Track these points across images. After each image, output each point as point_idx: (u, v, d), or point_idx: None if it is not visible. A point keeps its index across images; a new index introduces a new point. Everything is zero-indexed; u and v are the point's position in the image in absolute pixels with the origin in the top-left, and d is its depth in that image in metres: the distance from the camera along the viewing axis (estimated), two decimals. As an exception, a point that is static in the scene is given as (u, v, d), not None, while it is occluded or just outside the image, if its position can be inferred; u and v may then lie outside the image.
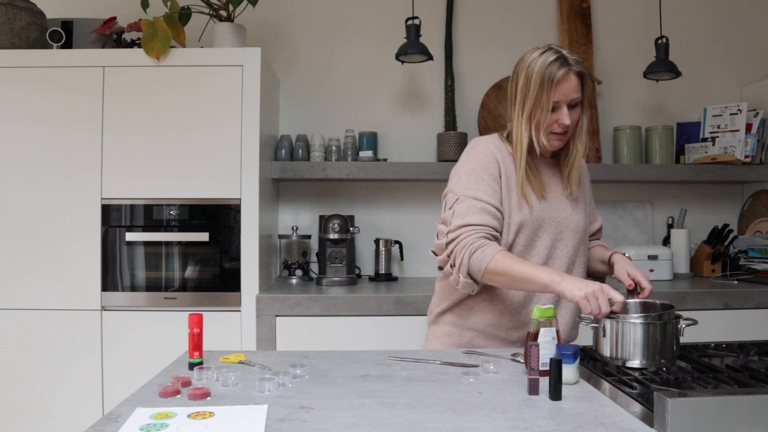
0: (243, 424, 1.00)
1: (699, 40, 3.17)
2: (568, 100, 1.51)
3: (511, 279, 1.42)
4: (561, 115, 1.50)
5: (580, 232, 1.62)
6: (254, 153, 2.45)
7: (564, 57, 1.50)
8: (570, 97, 1.50)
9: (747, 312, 2.49)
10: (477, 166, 1.54)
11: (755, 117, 2.91)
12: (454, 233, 1.48)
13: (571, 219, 1.60)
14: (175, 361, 1.43)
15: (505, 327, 1.57)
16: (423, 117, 3.08)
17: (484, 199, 1.50)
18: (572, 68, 1.50)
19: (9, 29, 2.46)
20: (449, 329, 1.62)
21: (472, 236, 1.46)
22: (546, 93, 1.49)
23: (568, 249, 1.59)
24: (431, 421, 1.03)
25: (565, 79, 1.49)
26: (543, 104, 1.49)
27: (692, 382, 1.17)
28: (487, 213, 1.49)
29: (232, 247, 2.46)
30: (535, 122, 1.51)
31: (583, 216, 1.63)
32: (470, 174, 1.53)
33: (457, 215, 1.49)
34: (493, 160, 1.55)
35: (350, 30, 3.08)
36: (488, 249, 1.43)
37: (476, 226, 1.47)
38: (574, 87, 1.50)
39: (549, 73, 1.48)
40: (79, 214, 2.42)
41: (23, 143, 2.43)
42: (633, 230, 3.12)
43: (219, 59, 2.47)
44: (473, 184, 1.52)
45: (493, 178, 1.53)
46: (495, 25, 3.11)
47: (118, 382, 2.40)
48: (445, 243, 1.49)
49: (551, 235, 1.57)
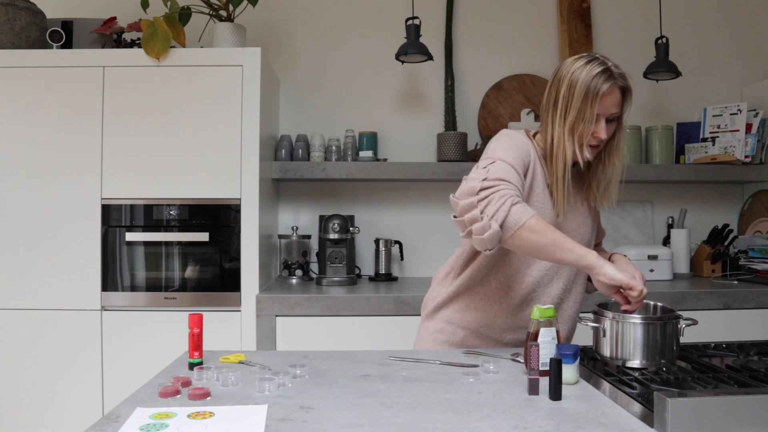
0: (243, 424, 1.00)
1: (699, 40, 3.17)
2: (608, 114, 1.46)
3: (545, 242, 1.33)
4: (598, 128, 1.46)
5: (586, 243, 1.60)
6: (254, 153, 2.45)
7: (609, 70, 1.47)
8: (610, 111, 1.46)
9: (747, 312, 2.49)
10: (515, 146, 1.48)
11: (755, 117, 2.91)
12: (492, 182, 1.37)
13: (580, 230, 1.58)
14: (175, 361, 1.43)
15: (500, 328, 1.57)
16: (423, 117, 3.08)
17: (519, 171, 1.43)
18: (617, 82, 1.46)
19: (9, 29, 2.46)
20: (443, 326, 1.61)
21: (512, 191, 1.36)
22: (590, 105, 1.44)
23: None
24: (431, 421, 1.03)
25: (610, 93, 1.45)
26: (587, 116, 1.45)
27: (692, 382, 1.17)
28: (520, 185, 1.43)
29: (232, 247, 2.46)
30: (578, 134, 1.47)
31: (590, 228, 1.62)
32: (508, 149, 1.46)
33: (496, 170, 1.39)
34: (527, 152, 1.49)
35: (350, 30, 3.08)
36: (529, 208, 1.35)
37: (513, 185, 1.38)
38: (617, 102, 1.47)
39: (594, 84, 1.44)
40: (79, 214, 2.42)
41: (23, 143, 2.43)
42: (633, 230, 3.12)
43: (219, 59, 2.47)
44: (510, 157, 1.44)
45: (525, 166, 1.47)
46: (495, 25, 3.11)
47: (118, 382, 2.40)
48: (479, 188, 1.36)
49: None
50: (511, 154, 1.44)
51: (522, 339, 1.55)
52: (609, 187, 1.58)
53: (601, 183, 1.57)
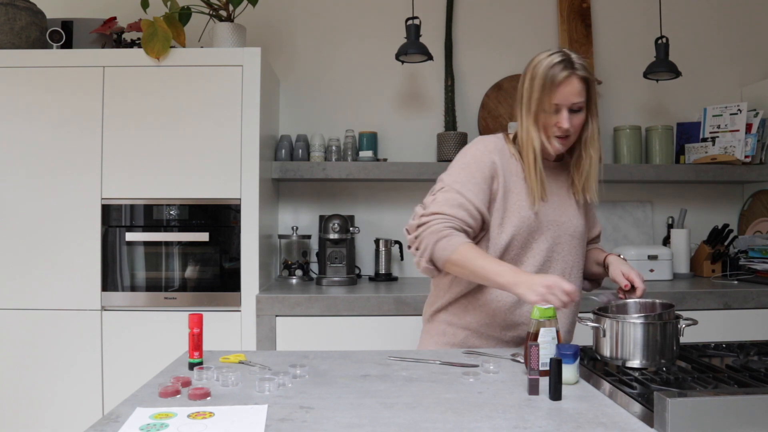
0: (243, 424, 1.00)
1: (699, 40, 3.17)
2: (569, 104, 1.49)
3: (470, 272, 1.44)
4: (560, 119, 1.49)
5: (579, 237, 1.61)
6: (254, 153, 2.45)
7: (569, 60, 1.49)
8: (571, 101, 1.49)
9: (747, 312, 2.49)
10: (471, 162, 1.54)
11: (755, 117, 2.91)
12: (427, 218, 1.49)
13: (570, 223, 1.59)
14: (175, 361, 1.43)
15: (499, 326, 1.57)
16: (423, 117, 3.08)
17: (466, 195, 1.49)
18: (576, 72, 1.49)
19: (9, 29, 2.46)
20: (444, 328, 1.62)
21: (442, 224, 1.47)
22: (548, 95, 1.48)
23: (566, 253, 1.59)
24: (431, 421, 1.03)
25: (566, 82, 1.48)
26: (546, 107, 1.49)
27: (692, 382, 1.17)
28: (465, 209, 1.49)
29: (232, 247, 2.46)
30: (542, 125, 1.52)
31: (580, 222, 1.62)
32: (462, 168, 1.54)
33: (436, 203, 1.51)
34: (488, 161, 1.54)
35: (350, 30, 3.08)
36: (454, 239, 1.44)
37: (449, 216, 1.48)
38: (576, 91, 1.49)
39: (552, 74, 1.48)
40: (79, 214, 2.42)
41: (23, 143, 2.43)
42: (633, 230, 3.12)
43: (219, 59, 2.47)
44: (462, 178, 1.52)
45: (483, 178, 1.52)
46: (495, 25, 3.11)
47: (118, 382, 2.40)
48: (416, 225, 1.51)
49: (549, 238, 1.56)
50: (463, 175, 1.52)
51: (522, 336, 1.56)
52: (588, 180, 1.60)
53: (581, 176, 1.61)
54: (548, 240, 1.56)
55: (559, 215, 1.58)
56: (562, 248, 1.58)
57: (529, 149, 1.53)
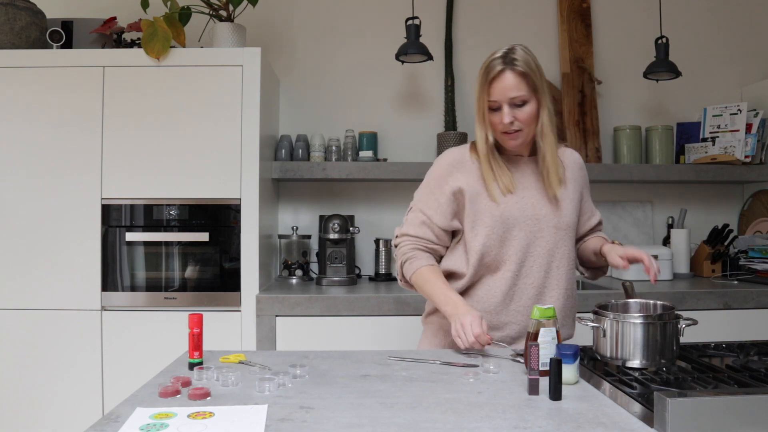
0: (243, 424, 1.00)
1: (699, 40, 3.17)
2: (506, 99, 1.49)
3: (426, 295, 1.59)
4: (501, 115, 1.51)
5: (564, 228, 1.59)
6: (254, 153, 2.45)
7: (508, 56, 1.50)
8: (508, 96, 1.49)
9: (747, 312, 2.49)
10: (431, 180, 1.63)
11: (755, 117, 2.91)
12: (397, 240, 1.65)
13: (550, 217, 1.57)
14: (175, 361, 1.43)
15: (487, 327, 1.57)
16: (423, 117, 3.08)
17: (428, 213, 1.59)
18: (510, 67, 1.49)
19: (9, 29, 2.46)
20: (437, 329, 1.66)
21: (407, 246, 1.61)
22: (486, 91, 1.51)
23: (546, 248, 1.57)
24: (431, 421, 1.03)
25: (498, 78, 1.49)
26: (483, 103, 1.53)
27: (692, 382, 1.17)
28: (427, 227, 1.60)
29: (232, 247, 2.46)
30: (489, 123, 1.54)
31: (567, 213, 1.60)
32: (424, 187, 1.64)
33: (405, 223, 1.64)
34: (447, 174, 1.59)
35: (350, 30, 3.08)
36: (416, 262, 1.58)
37: (413, 238, 1.61)
38: (511, 85, 1.48)
39: (486, 71, 1.51)
40: (79, 214, 2.42)
41: (23, 143, 2.43)
42: (633, 230, 3.12)
43: (219, 59, 2.47)
44: (423, 198, 1.62)
45: (443, 192, 1.59)
46: (495, 25, 3.11)
47: (118, 382, 2.40)
48: (393, 245, 1.69)
49: (527, 234, 1.56)
50: (425, 194, 1.62)
51: (510, 335, 1.58)
52: (549, 174, 1.57)
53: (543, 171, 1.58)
54: (526, 236, 1.56)
55: (537, 209, 1.57)
56: (543, 242, 1.57)
57: (480, 148, 1.57)
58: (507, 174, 1.57)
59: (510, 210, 1.55)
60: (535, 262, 1.57)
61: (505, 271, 1.56)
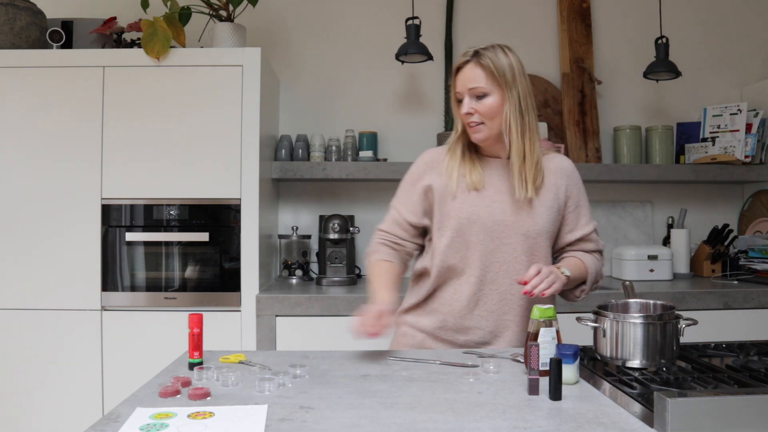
0: (243, 424, 1.00)
1: (699, 40, 3.17)
2: (466, 90, 1.52)
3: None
4: (464, 106, 1.53)
5: (532, 237, 1.53)
6: (254, 153, 2.45)
7: (478, 50, 1.52)
8: (468, 86, 1.51)
9: (747, 312, 2.49)
10: (407, 179, 1.65)
11: (755, 117, 2.91)
12: (375, 235, 1.68)
13: (520, 224, 1.52)
14: (175, 361, 1.43)
15: (451, 330, 1.58)
16: (423, 117, 3.08)
17: (400, 210, 1.63)
18: (474, 59, 1.51)
19: (9, 29, 2.46)
20: (406, 329, 1.67)
21: (377, 241, 1.65)
22: (452, 82, 1.57)
23: (512, 255, 1.53)
24: (431, 421, 1.03)
25: (461, 69, 1.53)
26: (453, 96, 1.57)
27: (692, 382, 1.17)
28: (398, 224, 1.63)
29: (232, 247, 2.46)
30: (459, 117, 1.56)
31: (540, 221, 1.53)
32: (401, 186, 1.67)
33: (384, 221, 1.67)
34: (422, 172, 1.61)
35: (350, 30, 3.08)
36: (374, 256, 1.63)
37: (385, 233, 1.64)
38: (471, 77, 1.51)
39: (455, 64, 1.57)
40: (79, 214, 2.42)
41: (23, 144, 2.43)
42: (633, 230, 3.12)
43: (219, 59, 2.47)
44: (399, 195, 1.66)
45: (415, 190, 1.61)
46: (495, 25, 3.11)
47: (118, 382, 2.40)
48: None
49: (492, 238, 1.52)
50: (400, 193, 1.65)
51: (474, 340, 1.57)
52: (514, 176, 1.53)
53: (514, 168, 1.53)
54: (491, 240, 1.53)
55: (505, 214, 1.53)
56: (510, 249, 1.53)
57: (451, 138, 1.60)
58: (477, 171, 1.56)
59: (476, 213, 1.52)
60: (500, 268, 1.54)
61: (469, 275, 1.54)
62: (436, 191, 1.57)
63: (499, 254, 1.54)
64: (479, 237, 1.53)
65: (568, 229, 1.61)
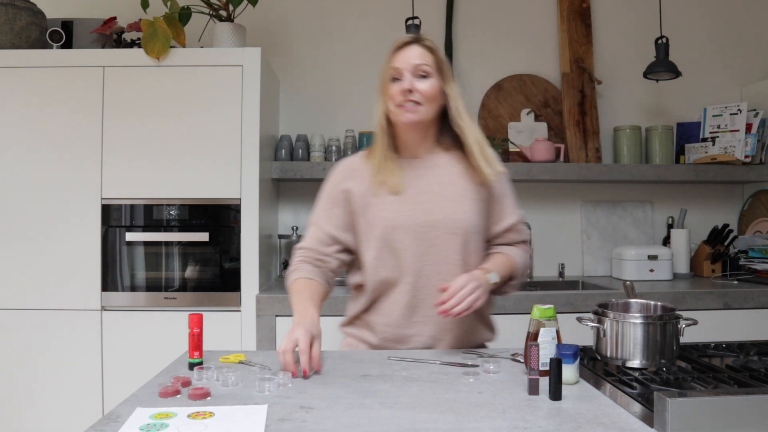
0: (243, 424, 1.00)
1: (699, 40, 3.17)
2: (410, 67, 1.47)
3: None
4: (404, 82, 1.47)
5: (460, 234, 1.49)
6: (254, 153, 2.45)
7: (417, 36, 1.52)
8: (412, 62, 1.47)
9: (747, 312, 2.49)
10: (324, 192, 1.61)
11: (755, 117, 2.91)
12: (294, 254, 1.61)
13: (448, 220, 1.49)
14: (175, 361, 1.43)
15: (392, 341, 1.54)
16: (423, 117, 3.07)
17: (320, 224, 1.57)
18: (418, 41, 1.50)
19: (9, 29, 2.46)
20: (350, 341, 1.63)
21: (297, 259, 1.58)
22: (391, 60, 1.51)
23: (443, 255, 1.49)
24: (431, 421, 1.03)
25: (407, 47, 1.49)
26: (385, 74, 1.50)
27: (692, 382, 1.17)
28: (318, 239, 1.57)
29: (232, 247, 2.46)
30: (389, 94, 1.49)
31: (466, 217, 1.50)
32: (319, 200, 1.62)
33: (303, 237, 1.61)
34: (339, 183, 1.56)
35: (350, 30, 3.08)
36: (294, 274, 1.55)
37: (305, 250, 1.57)
38: (418, 54, 1.48)
39: (395, 44, 1.52)
40: (79, 214, 2.42)
41: (23, 144, 2.43)
42: (633, 230, 3.12)
43: (219, 59, 2.47)
44: (317, 210, 1.60)
45: (333, 203, 1.56)
46: (495, 25, 3.11)
47: (118, 382, 2.40)
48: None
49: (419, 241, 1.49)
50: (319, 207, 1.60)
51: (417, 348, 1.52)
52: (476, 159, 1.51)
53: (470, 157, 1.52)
54: (420, 244, 1.49)
55: (431, 215, 1.49)
56: (440, 249, 1.49)
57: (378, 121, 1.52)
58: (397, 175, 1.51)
59: (400, 218, 1.48)
60: (433, 270, 1.49)
61: (404, 284, 1.50)
62: (357, 200, 1.53)
63: (430, 257, 1.49)
64: (406, 242, 1.49)
65: (494, 221, 1.58)
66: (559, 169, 2.85)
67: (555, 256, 3.09)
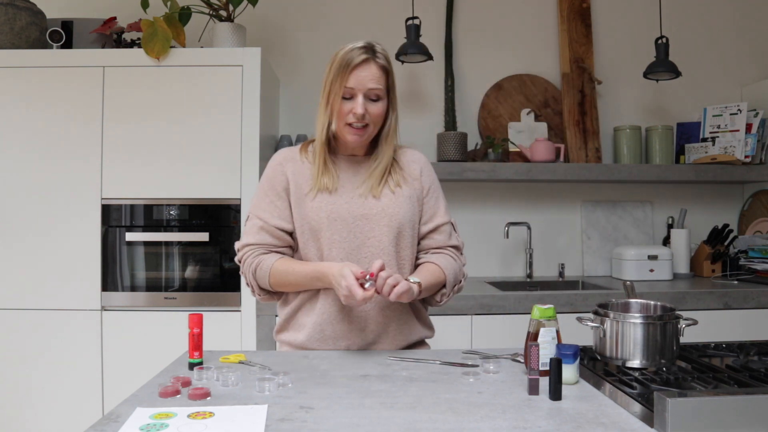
0: (243, 424, 1.00)
1: (699, 40, 3.17)
2: (364, 89, 1.45)
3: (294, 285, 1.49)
4: (355, 104, 1.45)
5: (395, 228, 1.51)
6: (254, 153, 2.45)
7: (371, 48, 1.46)
8: (367, 86, 1.44)
9: (747, 312, 2.49)
10: (264, 183, 1.56)
11: (755, 117, 2.91)
12: (240, 254, 1.55)
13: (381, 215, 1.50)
14: (175, 361, 1.43)
15: (330, 338, 1.52)
16: (423, 117, 3.08)
17: (263, 217, 1.52)
18: (375, 59, 1.46)
19: (9, 29, 2.46)
20: (287, 348, 1.59)
21: (251, 256, 1.52)
22: (342, 77, 1.44)
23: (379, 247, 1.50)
24: (431, 421, 1.03)
25: (362, 66, 1.44)
26: (336, 89, 1.45)
27: (692, 382, 1.17)
28: (266, 231, 1.52)
29: (231, 247, 2.46)
30: (330, 109, 1.47)
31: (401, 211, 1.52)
32: (258, 191, 1.57)
33: (243, 234, 1.56)
34: (278, 174, 1.54)
35: (350, 30, 3.08)
36: (265, 264, 1.49)
37: (255, 246, 1.52)
38: (373, 76, 1.45)
39: (349, 57, 1.44)
40: (79, 214, 2.42)
41: (23, 144, 2.43)
42: (633, 230, 3.12)
43: (219, 59, 2.47)
44: (257, 202, 1.56)
45: (276, 194, 1.53)
46: (495, 25, 3.11)
47: (118, 382, 2.40)
48: (236, 260, 1.58)
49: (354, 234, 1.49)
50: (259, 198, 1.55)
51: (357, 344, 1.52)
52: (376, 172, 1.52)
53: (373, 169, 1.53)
54: (355, 237, 1.50)
55: (366, 208, 1.51)
56: (375, 242, 1.50)
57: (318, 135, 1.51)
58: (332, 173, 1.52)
59: (336, 212, 1.49)
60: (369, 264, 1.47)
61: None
62: (293, 192, 1.52)
63: (365, 250, 1.50)
64: (342, 235, 1.49)
65: (424, 220, 1.59)
66: (559, 169, 2.85)
67: (555, 256, 3.09)
